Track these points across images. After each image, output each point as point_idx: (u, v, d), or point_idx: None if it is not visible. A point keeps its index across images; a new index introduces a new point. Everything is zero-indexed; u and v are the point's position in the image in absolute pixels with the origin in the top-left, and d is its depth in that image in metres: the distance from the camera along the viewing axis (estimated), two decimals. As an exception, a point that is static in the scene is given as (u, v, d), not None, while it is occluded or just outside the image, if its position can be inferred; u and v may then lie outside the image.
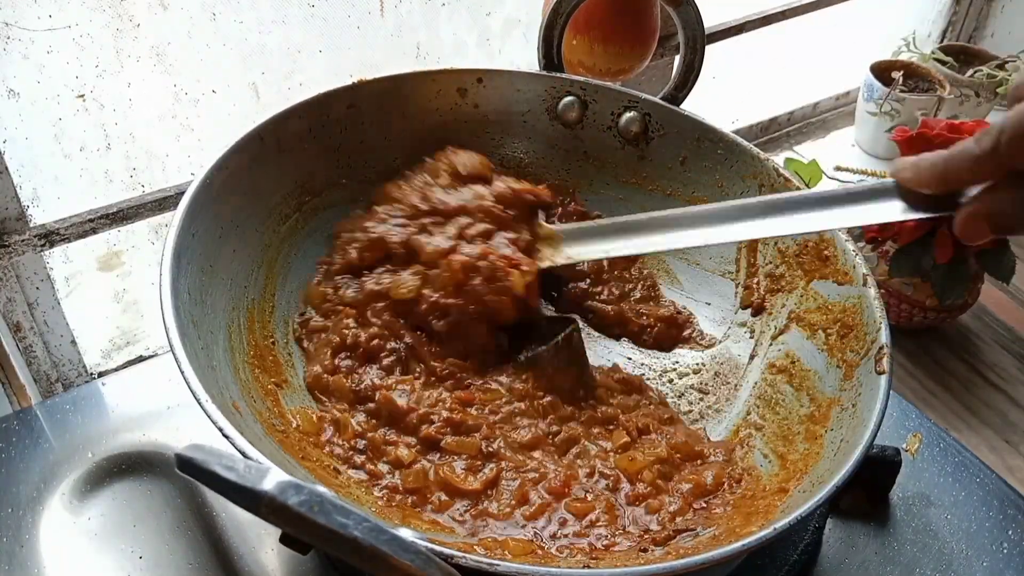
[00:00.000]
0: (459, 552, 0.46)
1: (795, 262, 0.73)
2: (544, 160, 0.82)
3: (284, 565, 0.64)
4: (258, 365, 0.64)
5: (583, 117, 0.80)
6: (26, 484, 0.68)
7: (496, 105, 0.80)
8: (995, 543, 0.68)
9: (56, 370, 0.94)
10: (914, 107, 1.35)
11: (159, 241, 0.98)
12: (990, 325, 1.19)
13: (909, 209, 0.56)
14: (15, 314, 0.87)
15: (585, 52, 0.90)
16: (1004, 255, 1.05)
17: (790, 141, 1.50)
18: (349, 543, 0.39)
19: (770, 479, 0.62)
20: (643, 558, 0.57)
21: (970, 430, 1.04)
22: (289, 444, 0.60)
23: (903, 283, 1.09)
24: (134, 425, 0.73)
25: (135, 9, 0.84)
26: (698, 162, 0.78)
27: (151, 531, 0.65)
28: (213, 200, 0.65)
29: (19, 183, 0.84)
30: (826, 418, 0.63)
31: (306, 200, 0.74)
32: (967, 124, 1.04)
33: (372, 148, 0.77)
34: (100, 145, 0.89)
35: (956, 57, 1.46)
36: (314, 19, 0.95)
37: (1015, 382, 1.11)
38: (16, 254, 0.85)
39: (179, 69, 0.89)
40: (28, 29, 0.79)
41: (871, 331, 0.63)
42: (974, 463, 0.74)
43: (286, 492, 0.39)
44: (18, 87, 0.81)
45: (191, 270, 0.60)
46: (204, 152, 0.95)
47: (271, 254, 0.71)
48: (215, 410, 0.50)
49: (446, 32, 1.06)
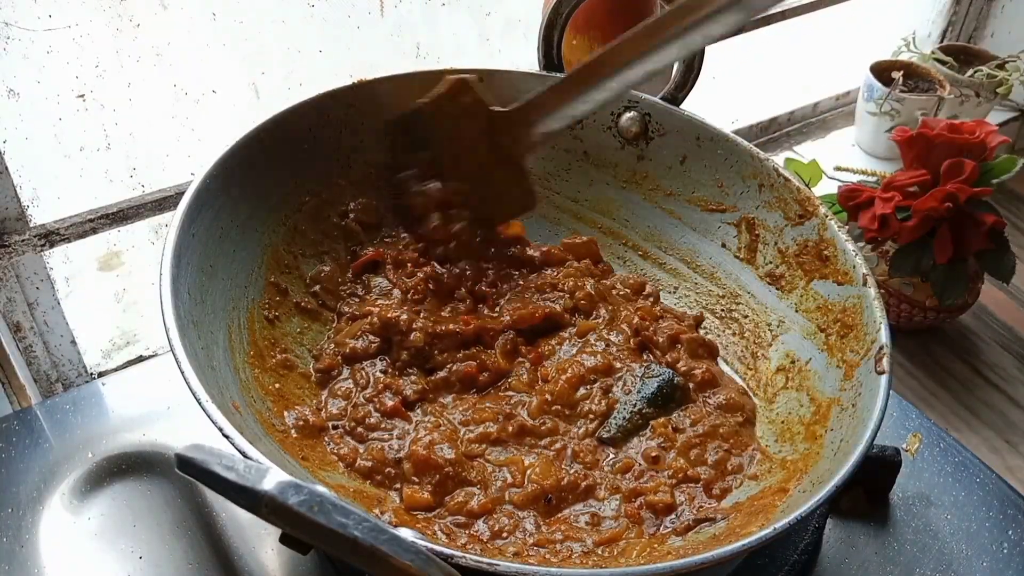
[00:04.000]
0: (459, 552, 0.46)
1: (795, 262, 0.73)
2: (543, 160, 0.82)
3: (284, 565, 0.64)
4: (258, 365, 0.64)
5: (583, 117, 0.80)
6: (26, 484, 0.68)
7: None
8: (995, 543, 0.68)
9: (56, 370, 0.94)
10: (914, 107, 1.35)
11: (159, 241, 0.98)
12: (990, 325, 1.19)
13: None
14: (15, 314, 0.87)
15: (585, 52, 0.90)
16: (1004, 255, 1.05)
17: (790, 141, 1.50)
18: (349, 543, 0.40)
19: (770, 479, 0.62)
20: (645, 557, 0.57)
21: (970, 430, 1.05)
22: (289, 444, 0.60)
23: (903, 283, 1.09)
24: (134, 425, 0.73)
25: (135, 9, 0.84)
26: (698, 162, 0.78)
27: (151, 531, 0.65)
28: (213, 200, 0.65)
29: (19, 183, 0.84)
30: (826, 418, 0.63)
31: (306, 200, 0.74)
32: (967, 124, 1.04)
33: (372, 148, 0.77)
34: (100, 145, 0.89)
35: (956, 57, 1.46)
36: (314, 19, 0.95)
37: (1015, 382, 1.11)
38: (16, 254, 0.85)
39: (179, 69, 0.89)
40: (28, 29, 0.79)
41: (871, 331, 0.63)
42: (974, 463, 0.74)
43: (286, 492, 0.39)
44: (18, 87, 0.82)
45: (191, 270, 0.60)
46: (204, 152, 0.95)
47: (271, 254, 0.71)
48: (215, 410, 0.50)
49: (446, 32, 1.06)
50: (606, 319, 0.73)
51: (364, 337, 0.68)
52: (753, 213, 0.76)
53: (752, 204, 0.76)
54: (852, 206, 1.08)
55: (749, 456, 0.65)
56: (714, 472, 0.64)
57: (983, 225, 1.02)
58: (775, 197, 0.74)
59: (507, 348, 0.70)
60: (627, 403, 0.67)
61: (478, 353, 0.69)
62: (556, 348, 0.71)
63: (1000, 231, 1.05)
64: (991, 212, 1.03)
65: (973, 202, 1.02)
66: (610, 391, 0.67)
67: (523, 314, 0.71)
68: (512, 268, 0.76)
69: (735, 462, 0.65)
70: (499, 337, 0.70)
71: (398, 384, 0.66)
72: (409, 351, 0.67)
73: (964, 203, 1.01)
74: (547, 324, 0.72)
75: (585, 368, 0.68)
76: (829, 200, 1.10)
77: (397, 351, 0.68)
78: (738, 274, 0.77)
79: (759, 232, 0.75)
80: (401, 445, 0.62)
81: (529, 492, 0.60)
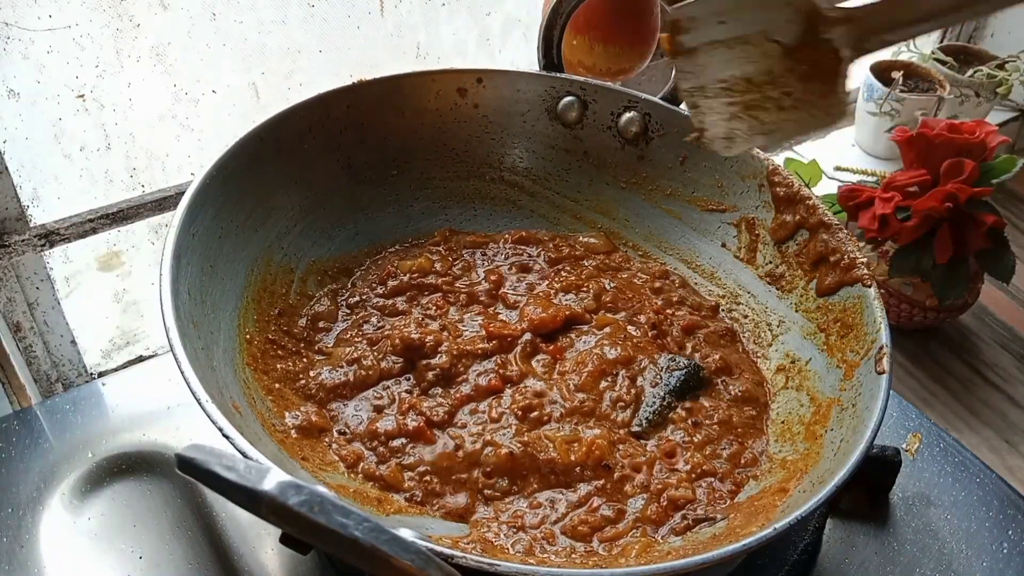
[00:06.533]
0: (459, 552, 0.46)
1: (795, 262, 0.73)
2: (543, 160, 0.82)
3: (284, 565, 0.64)
4: (258, 365, 0.64)
5: (583, 117, 0.80)
6: (26, 484, 0.68)
7: (496, 105, 0.80)
8: (995, 543, 0.68)
9: (56, 370, 0.94)
10: (914, 107, 1.35)
11: (159, 241, 0.98)
12: (990, 325, 1.18)
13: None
14: (15, 314, 0.87)
15: (585, 52, 0.90)
16: (1004, 255, 1.05)
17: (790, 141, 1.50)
18: (349, 543, 0.39)
19: (770, 479, 0.62)
20: (645, 557, 0.57)
21: (970, 430, 1.04)
22: (289, 444, 0.60)
23: (903, 283, 1.09)
24: (134, 425, 0.73)
25: (135, 9, 0.84)
26: (698, 162, 0.78)
27: (151, 531, 0.65)
28: (213, 200, 0.65)
29: (19, 183, 0.84)
30: (826, 418, 0.63)
31: (306, 200, 0.74)
32: (967, 124, 1.04)
33: (372, 148, 0.77)
34: (100, 145, 0.89)
35: (956, 57, 1.46)
36: (314, 19, 0.95)
37: (1015, 382, 1.11)
38: (16, 254, 0.85)
39: (179, 69, 0.89)
40: (28, 29, 0.79)
41: (871, 331, 0.63)
42: (974, 463, 0.74)
43: (286, 492, 0.39)
44: (18, 87, 0.81)
45: (191, 270, 0.60)
46: (204, 152, 0.95)
47: (271, 254, 0.71)
48: (215, 410, 0.50)
49: (446, 32, 1.06)
50: (626, 316, 0.74)
51: (388, 358, 0.68)
52: (753, 213, 0.76)
53: (752, 204, 0.76)
54: (852, 206, 1.08)
55: (761, 448, 0.66)
56: (729, 465, 0.64)
57: (983, 225, 1.02)
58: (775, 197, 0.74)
59: (527, 352, 0.70)
60: (654, 396, 0.67)
61: (500, 364, 0.68)
62: (574, 340, 0.72)
63: (1000, 231, 1.04)
64: (991, 212, 1.03)
65: (973, 202, 1.02)
66: (635, 381, 0.68)
67: (544, 319, 0.72)
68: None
69: (748, 455, 0.65)
70: (517, 344, 0.70)
71: (420, 405, 0.65)
72: (435, 372, 0.67)
73: (964, 203, 1.01)
74: (567, 324, 0.73)
75: (606, 360, 0.69)
76: (829, 200, 1.10)
77: (422, 372, 0.67)
78: (738, 274, 0.77)
79: (759, 232, 0.75)
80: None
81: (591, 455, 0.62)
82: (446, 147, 0.80)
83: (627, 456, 0.63)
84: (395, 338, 0.68)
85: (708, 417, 0.67)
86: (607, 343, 0.70)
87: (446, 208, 0.82)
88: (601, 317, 0.73)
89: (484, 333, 0.70)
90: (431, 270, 0.76)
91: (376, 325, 0.71)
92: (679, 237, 0.80)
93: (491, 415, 0.65)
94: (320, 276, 0.74)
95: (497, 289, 0.75)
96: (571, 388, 0.67)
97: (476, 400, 0.66)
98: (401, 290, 0.74)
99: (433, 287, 0.74)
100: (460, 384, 0.67)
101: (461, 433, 0.64)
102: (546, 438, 0.63)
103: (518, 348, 0.70)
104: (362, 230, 0.78)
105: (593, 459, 0.62)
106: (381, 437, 0.63)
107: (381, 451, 0.62)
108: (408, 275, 0.75)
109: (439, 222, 0.81)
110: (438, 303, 0.73)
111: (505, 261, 0.78)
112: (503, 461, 0.61)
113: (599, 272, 0.78)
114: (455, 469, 0.61)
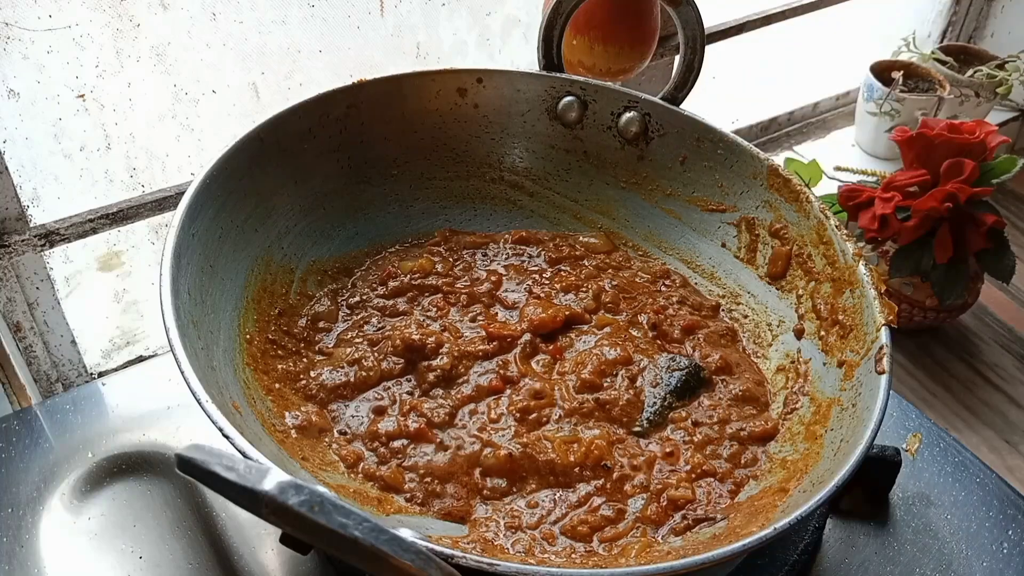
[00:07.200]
0: (459, 552, 0.46)
1: (795, 262, 0.73)
2: (544, 160, 0.82)
3: (284, 565, 0.64)
4: (258, 365, 0.64)
5: (583, 117, 0.80)
6: (26, 484, 0.68)
7: (496, 105, 0.80)
8: (995, 543, 0.68)
9: (56, 370, 0.94)
10: (914, 107, 1.35)
11: (159, 241, 0.98)
12: (990, 325, 1.19)
13: None
14: (15, 314, 0.87)
15: (585, 52, 0.90)
16: (1004, 255, 1.05)
17: (790, 141, 1.50)
18: (349, 543, 0.39)
19: (770, 479, 0.62)
20: (645, 557, 0.57)
21: (970, 430, 1.05)
22: (289, 444, 0.60)
23: (903, 283, 1.09)
24: (134, 425, 0.73)
25: (135, 9, 0.84)
26: (698, 162, 0.78)
27: (151, 531, 0.65)
28: (213, 200, 0.65)
29: (19, 183, 0.84)
30: (826, 418, 0.63)
31: (306, 200, 0.74)
32: (967, 124, 1.04)
33: (372, 148, 0.77)
34: (100, 145, 0.89)
35: (956, 57, 1.46)
36: (314, 19, 0.95)
37: (1015, 382, 1.11)
38: (16, 254, 0.85)
39: (179, 69, 0.89)
40: (28, 29, 0.79)
41: (871, 331, 0.63)
42: (974, 463, 0.74)
43: (286, 492, 0.39)
44: (18, 87, 0.81)
45: (191, 270, 0.60)
46: (204, 152, 0.95)
47: (271, 254, 0.71)
48: (215, 410, 0.50)
49: (446, 32, 1.06)
50: (626, 316, 0.74)
51: (389, 359, 0.68)
52: (753, 213, 0.76)
53: (752, 204, 0.76)
54: (852, 206, 1.08)
55: (761, 448, 0.66)
56: (729, 465, 0.64)
57: (983, 225, 1.02)
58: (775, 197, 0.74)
59: (527, 352, 0.70)
60: (655, 396, 0.67)
61: (501, 365, 0.69)
62: (574, 340, 0.72)
63: (1000, 231, 1.05)
64: (991, 212, 1.03)
65: (973, 202, 1.02)
66: (635, 381, 0.68)
67: (544, 319, 0.72)
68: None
69: (748, 455, 0.65)
70: (517, 344, 0.70)
71: (421, 406, 0.65)
72: (436, 373, 0.67)
73: (964, 203, 1.01)
74: (567, 324, 0.73)
75: (606, 360, 0.69)
76: (829, 200, 1.10)
77: (423, 373, 0.67)
78: (738, 274, 0.77)
79: (759, 232, 0.75)
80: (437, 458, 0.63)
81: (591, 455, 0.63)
82: (446, 147, 0.80)
83: (627, 456, 0.63)
84: (396, 339, 0.68)
85: (710, 416, 0.67)
86: (607, 343, 0.70)
87: (446, 208, 0.82)
88: (601, 317, 0.74)
89: (484, 334, 0.70)
90: (432, 271, 0.76)
91: (377, 326, 0.71)
92: (679, 237, 0.80)
93: (490, 416, 0.65)
94: (320, 276, 0.74)
95: (497, 289, 0.75)
96: (571, 388, 0.67)
97: (477, 401, 0.66)
98: (402, 291, 0.74)
99: (434, 288, 0.74)
100: (461, 385, 0.67)
101: (461, 434, 0.64)
102: (545, 439, 0.63)
103: (518, 348, 0.70)
104: (362, 230, 0.78)
105: (592, 459, 0.62)
106: (382, 438, 0.63)
107: (382, 452, 0.62)
108: (409, 276, 0.75)
109: (439, 222, 0.81)
110: (439, 304, 0.73)
111: (505, 261, 0.79)
112: (502, 462, 0.61)
113: (599, 272, 0.78)
114: (455, 470, 0.61)
